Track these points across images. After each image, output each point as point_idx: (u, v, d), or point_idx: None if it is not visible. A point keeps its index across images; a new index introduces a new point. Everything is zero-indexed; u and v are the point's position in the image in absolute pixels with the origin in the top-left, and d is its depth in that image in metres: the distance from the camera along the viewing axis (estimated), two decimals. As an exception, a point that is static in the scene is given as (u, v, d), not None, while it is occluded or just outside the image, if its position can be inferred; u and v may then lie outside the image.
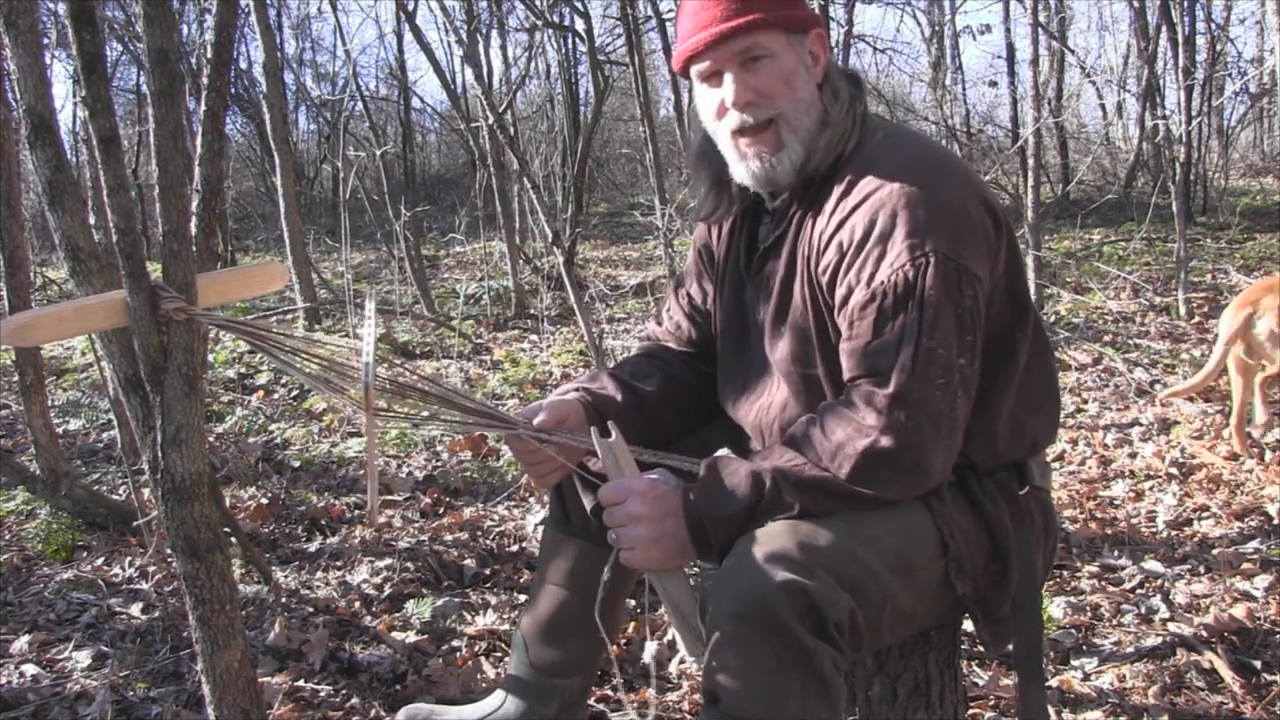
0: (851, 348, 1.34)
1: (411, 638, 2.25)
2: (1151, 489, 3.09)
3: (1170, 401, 3.82)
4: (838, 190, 1.39)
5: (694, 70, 1.46)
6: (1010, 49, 10.81)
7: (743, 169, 1.47)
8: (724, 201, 1.57)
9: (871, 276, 1.31)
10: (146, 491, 2.64)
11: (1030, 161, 5.52)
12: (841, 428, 1.30)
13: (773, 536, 1.26)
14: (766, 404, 1.52)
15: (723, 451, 1.40)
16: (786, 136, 1.42)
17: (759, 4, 1.39)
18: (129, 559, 2.70)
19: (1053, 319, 5.38)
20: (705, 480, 1.34)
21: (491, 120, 4.95)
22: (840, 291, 1.36)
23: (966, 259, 1.31)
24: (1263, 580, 2.39)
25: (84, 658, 2.17)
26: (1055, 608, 2.31)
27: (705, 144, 1.54)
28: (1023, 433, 1.43)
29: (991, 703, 1.96)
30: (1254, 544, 2.63)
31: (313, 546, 2.79)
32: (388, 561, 2.62)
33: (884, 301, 1.30)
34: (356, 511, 3.06)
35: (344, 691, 2.04)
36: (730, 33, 1.39)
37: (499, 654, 2.20)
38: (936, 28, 11.75)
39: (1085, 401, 4.03)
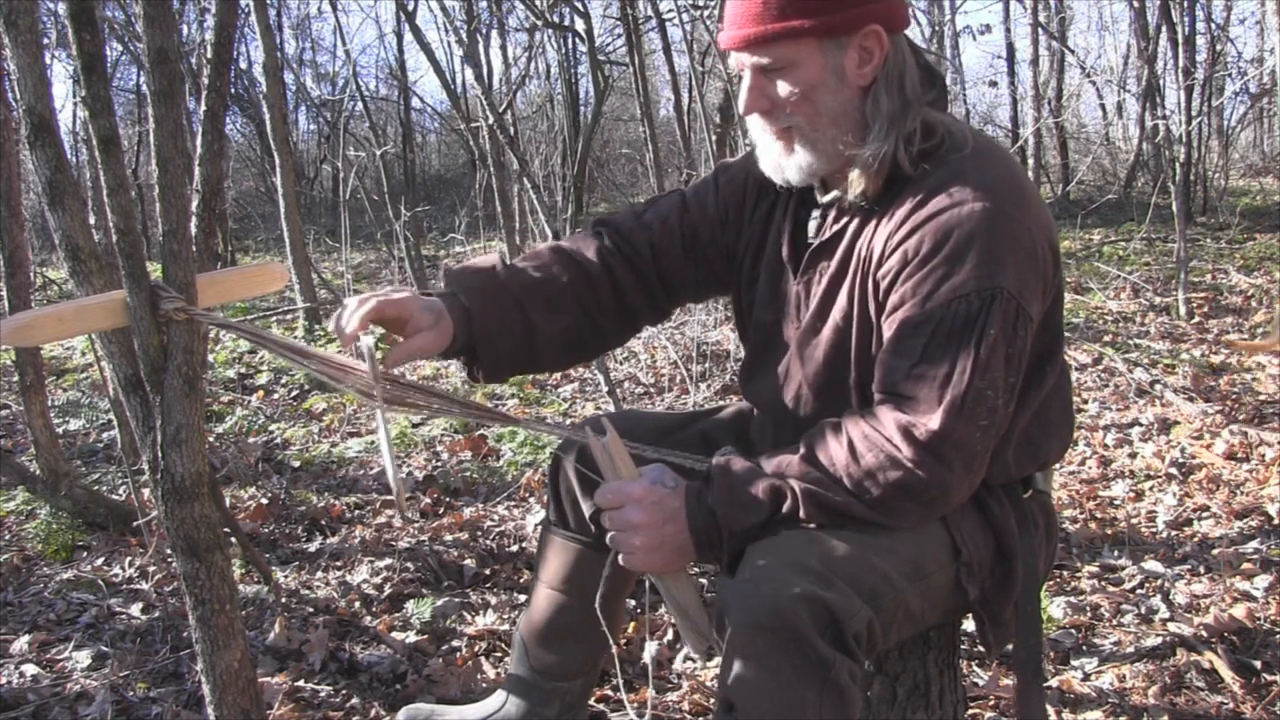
0: (892, 363, 1.30)
1: (411, 638, 2.25)
2: (1151, 489, 3.09)
3: (1234, 353, 3.81)
4: (914, 198, 1.32)
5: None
6: (1010, 49, 10.83)
7: (764, 160, 1.44)
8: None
9: (930, 295, 1.27)
10: (146, 491, 2.64)
11: (1030, 161, 5.52)
12: (872, 453, 1.27)
13: (790, 546, 1.25)
14: (785, 393, 1.49)
15: (728, 451, 1.38)
16: (799, 148, 1.38)
17: (792, 9, 1.31)
18: (129, 559, 2.70)
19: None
20: (723, 489, 1.31)
21: (491, 120, 4.96)
22: (894, 298, 1.32)
23: (1026, 300, 1.28)
24: (1263, 580, 2.39)
25: (84, 658, 2.17)
26: (1055, 608, 2.31)
27: None
28: (1036, 454, 1.43)
29: (991, 703, 1.96)
30: (1254, 544, 2.63)
31: (313, 546, 2.79)
32: (388, 561, 2.62)
33: (940, 327, 1.26)
34: (357, 511, 3.06)
35: (344, 691, 2.04)
36: (752, 40, 1.34)
37: (499, 654, 2.20)
38: (936, 28, 11.74)
39: (1085, 401, 4.03)
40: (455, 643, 2.24)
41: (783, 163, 1.41)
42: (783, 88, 1.35)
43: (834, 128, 1.36)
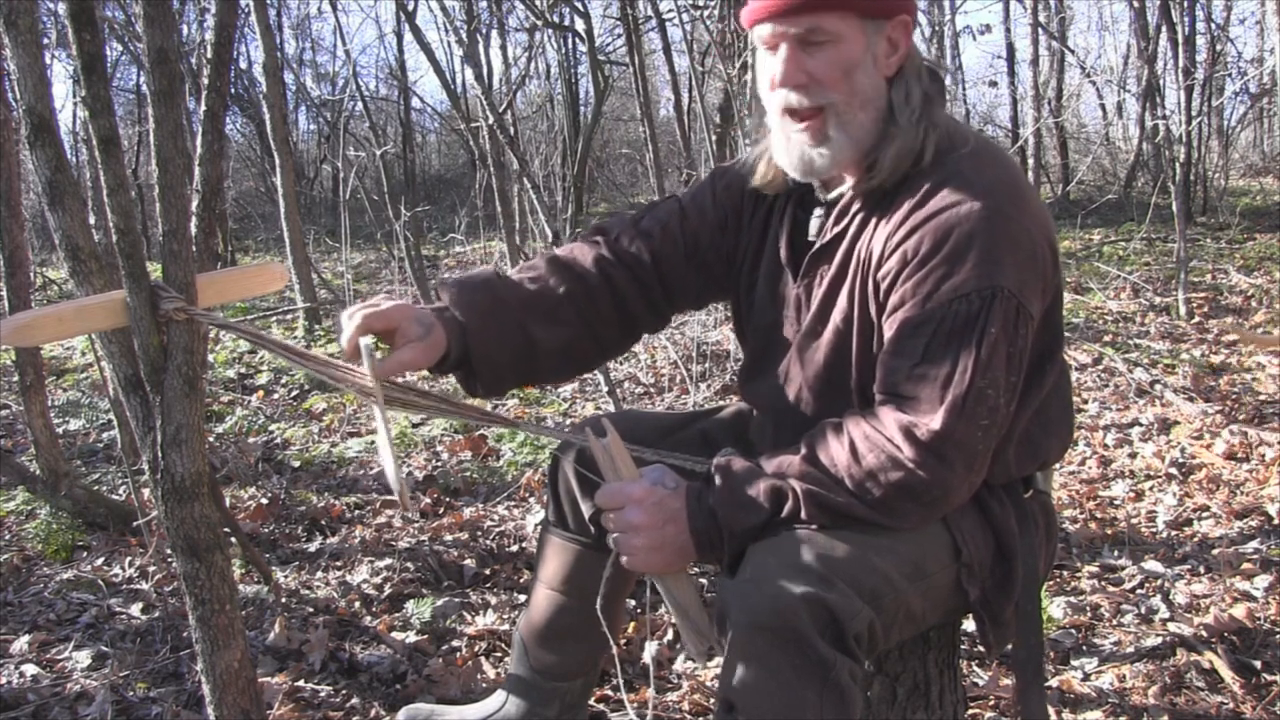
0: (893, 363, 1.30)
1: (411, 638, 2.25)
2: (1151, 489, 3.09)
3: (1230, 343, 3.80)
4: (913, 198, 1.32)
5: (755, 34, 1.37)
6: (1010, 49, 10.82)
7: (783, 153, 1.41)
8: (779, 177, 1.48)
9: (930, 295, 1.27)
10: (146, 491, 2.64)
11: (1030, 161, 5.52)
12: (874, 454, 1.27)
13: (791, 547, 1.25)
14: (786, 395, 1.49)
15: (729, 452, 1.38)
16: (833, 130, 1.35)
17: None
18: (129, 559, 2.70)
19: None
20: (724, 490, 1.31)
21: (491, 120, 4.96)
22: (894, 299, 1.31)
23: (1027, 299, 1.28)
24: (1263, 580, 2.39)
25: (84, 658, 2.17)
26: (1055, 608, 2.31)
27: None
28: (1036, 454, 1.43)
29: (991, 703, 1.96)
30: (1254, 544, 2.63)
31: (313, 546, 2.79)
32: (388, 561, 2.62)
33: (941, 327, 1.26)
34: (357, 511, 3.06)
35: (344, 691, 2.04)
36: (796, 7, 1.31)
37: (499, 654, 2.20)
38: (936, 28, 11.75)
39: (1085, 401, 4.03)
40: (455, 643, 2.24)
41: (810, 153, 1.37)
42: (822, 62, 1.33)
43: (863, 112, 1.35)
